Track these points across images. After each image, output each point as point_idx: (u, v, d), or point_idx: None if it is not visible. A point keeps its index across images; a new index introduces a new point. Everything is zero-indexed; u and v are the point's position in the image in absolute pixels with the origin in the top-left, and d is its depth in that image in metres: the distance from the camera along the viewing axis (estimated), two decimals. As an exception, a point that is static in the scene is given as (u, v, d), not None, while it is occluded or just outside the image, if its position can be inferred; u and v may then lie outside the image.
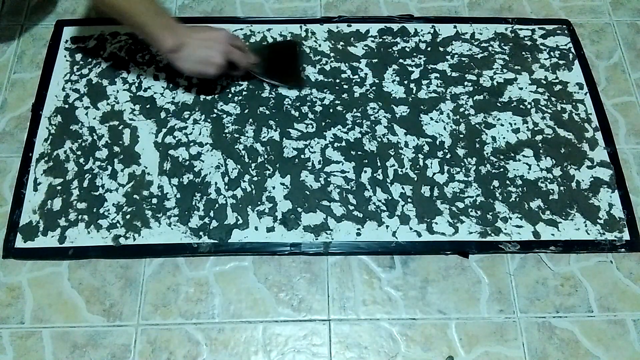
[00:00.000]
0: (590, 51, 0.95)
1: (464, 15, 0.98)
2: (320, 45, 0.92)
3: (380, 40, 0.93)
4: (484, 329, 0.72)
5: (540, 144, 0.84)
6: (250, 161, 0.82)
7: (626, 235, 0.77)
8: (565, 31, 0.95)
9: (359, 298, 0.74)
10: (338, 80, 0.88)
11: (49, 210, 0.78)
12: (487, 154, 0.83)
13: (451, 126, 0.85)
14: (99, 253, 0.75)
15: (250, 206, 0.78)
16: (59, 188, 0.79)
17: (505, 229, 0.77)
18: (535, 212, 0.79)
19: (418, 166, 0.82)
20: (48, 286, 0.74)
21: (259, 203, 0.78)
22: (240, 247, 0.75)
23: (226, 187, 0.79)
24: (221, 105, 0.86)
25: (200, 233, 0.76)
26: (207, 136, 0.83)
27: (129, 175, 0.80)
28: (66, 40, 0.92)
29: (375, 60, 0.91)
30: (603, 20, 0.99)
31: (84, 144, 0.83)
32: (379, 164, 0.82)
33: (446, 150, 0.83)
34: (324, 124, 0.85)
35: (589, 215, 0.79)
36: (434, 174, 0.81)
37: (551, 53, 0.93)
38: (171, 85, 0.88)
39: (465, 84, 0.89)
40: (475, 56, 0.92)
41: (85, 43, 0.92)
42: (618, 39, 0.96)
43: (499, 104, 0.87)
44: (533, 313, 0.73)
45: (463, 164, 0.82)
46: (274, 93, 0.87)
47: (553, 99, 0.88)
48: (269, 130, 0.84)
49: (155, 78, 0.89)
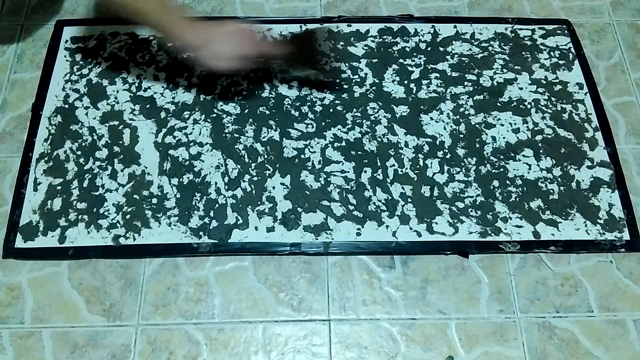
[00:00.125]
0: (590, 51, 0.95)
1: (464, 15, 0.98)
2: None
3: (380, 40, 0.93)
4: (484, 329, 0.72)
5: (540, 144, 0.84)
6: (250, 161, 0.82)
7: (626, 235, 0.77)
8: (565, 31, 0.95)
9: (359, 298, 0.74)
10: (338, 80, 0.88)
11: (49, 210, 0.78)
12: (487, 154, 0.83)
13: (451, 126, 0.85)
14: (99, 253, 0.75)
15: (250, 206, 0.78)
16: (59, 188, 0.79)
17: (505, 229, 0.77)
18: (535, 212, 0.78)
19: (418, 166, 0.81)
20: (48, 286, 0.74)
21: (259, 203, 0.78)
22: (240, 247, 0.75)
23: (226, 187, 0.79)
24: (221, 105, 0.86)
25: (200, 233, 0.76)
26: (207, 136, 0.83)
27: (129, 175, 0.80)
28: (66, 40, 0.92)
29: (375, 60, 0.91)
30: (603, 20, 0.99)
31: (84, 144, 0.83)
32: (379, 164, 0.82)
33: (446, 150, 0.83)
34: (324, 124, 0.85)
35: (589, 215, 0.79)
36: (434, 174, 0.81)
37: (551, 53, 0.93)
38: (171, 85, 0.88)
39: (465, 84, 0.89)
40: (475, 56, 0.92)
41: (85, 43, 0.92)
42: (618, 39, 0.96)
43: (499, 104, 0.87)
44: (533, 313, 0.73)
45: (463, 164, 0.82)
46: (274, 93, 0.87)
47: (553, 99, 0.88)
48: (269, 130, 0.84)
49: (155, 78, 0.89)
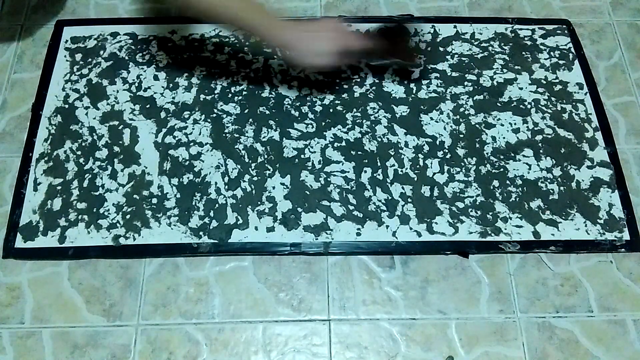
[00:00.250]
0: (590, 51, 0.94)
1: (464, 15, 0.98)
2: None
3: (380, 40, 0.93)
4: (484, 329, 0.72)
5: (540, 144, 0.84)
6: (250, 161, 0.82)
7: (626, 235, 0.77)
8: (565, 31, 0.95)
9: (359, 298, 0.74)
10: (338, 80, 0.88)
11: (49, 210, 0.78)
12: (487, 154, 0.83)
13: (451, 126, 0.85)
14: (99, 253, 0.75)
15: (250, 206, 0.78)
16: (59, 188, 0.79)
17: (505, 229, 0.77)
18: (535, 212, 0.78)
19: (418, 166, 0.81)
20: (48, 286, 0.74)
21: (259, 203, 0.78)
22: (240, 247, 0.75)
23: (226, 187, 0.79)
24: (221, 105, 0.86)
25: (200, 233, 0.76)
26: (207, 136, 0.83)
27: (129, 175, 0.80)
28: (66, 40, 0.92)
29: (375, 60, 0.91)
30: (603, 20, 0.98)
31: (84, 144, 0.83)
32: (379, 164, 0.82)
33: (446, 150, 0.83)
34: (324, 124, 0.85)
35: (589, 215, 0.79)
36: (434, 174, 0.81)
37: (551, 53, 0.93)
38: (171, 85, 0.88)
39: (465, 84, 0.89)
40: (475, 56, 0.92)
41: (85, 43, 0.92)
42: (618, 39, 0.96)
43: (499, 104, 0.87)
44: (533, 313, 0.73)
45: (463, 164, 0.82)
46: (274, 93, 0.87)
47: (553, 99, 0.88)
48: (269, 130, 0.84)
49: (155, 78, 0.89)
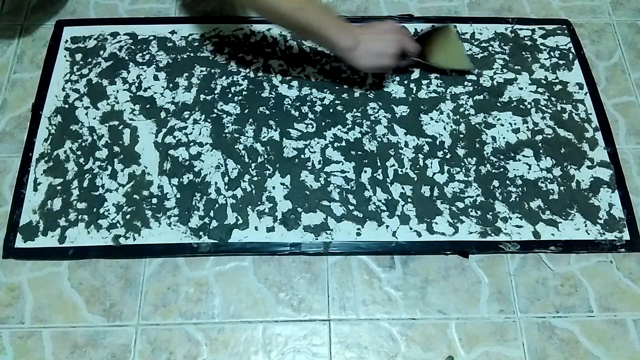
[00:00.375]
0: (590, 51, 0.94)
1: (464, 15, 0.98)
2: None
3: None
4: (484, 329, 0.72)
5: (540, 144, 0.84)
6: (250, 161, 0.82)
7: (626, 235, 0.77)
8: (565, 31, 0.95)
9: (359, 298, 0.74)
10: (338, 80, 0.88)
11: (49, 210, 0.78)
12: (487, 154, 0.83)
13: (451, 126, 0.85)
14: (99, 253, 0.75)
15: (250, 206, 0.78)
16: (59, 188, 0.79)
17: (505, 229, 0.77)
18: (535, 212, 0.78)
19: (418, 166, 0.81)
20: (48, 286, 0.74)
21: (259, 203, 0.78)
22: (240, 247, 0.75)
23: (226, 187, 0.79)
24: (221, 105, 0.86)
25: (200, 233, 0.76)
26: (207, 136, 0.83)
27: (129, 175, 0.80)
28: (66, 40, 0.92)
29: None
30: (603, 20, 0.99)
31: (84, 144, 0.83)
32: (379, 164, 0.82)
33: (446, 150, 0.83)
34: (324, 123, 0.85)
35: (589, 215, 0.79)
36: (434, 174, 0.81)
37: (551, 53, 0.93)
38: (171, 85, 0.88)
39: (465, 83, 0.89)
40: (475, 56, 0.92)
41: (85, 43, 0.92)
42: (618, 39, 0.96)
43: (499, 104, 0.87)
44: (533, 313, 0.73)
45: (463, 164, 0.82)
46: (274, 93, 0.87)
47: (553, 99, 0.88)
48: (269, 130, 0.84)
49: (155, 78, 0.89)
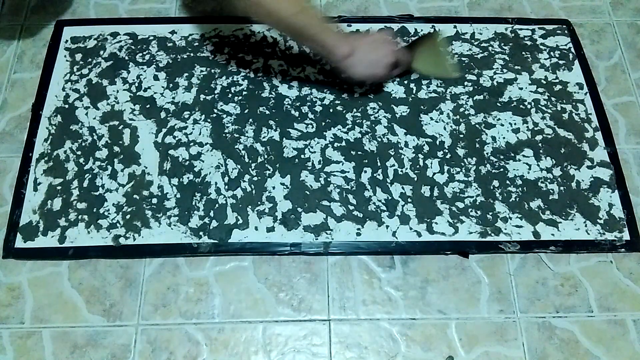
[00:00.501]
0: (590, 51, 0.94)
1: (464, 15, 0.98)
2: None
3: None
4: (484, 329, 0.72)
5: (540, 144, 0.84)
6: (250, 161, 0.82)
7: (626, 235, 0.77)
8: (565, 31, 0.95)
9: (359, 298, 0.74)
10: (338, 80, 0.88)
11: (49, 210, 0.78)
12: (487, 154, 0.83)
13: (451, 126, 0.85)
14: (99, 253, 0.75)
15: (250, 206, 0.78)
16: (59, 188, 0.79)
17: (505, 229, 0.77)
18: (535, 212, 0.78)
19: (418, 166, 0.81)
20: (48, 286, 0.74)
21: (259, 203, 0.78)
22: (240, 247, 0.75)
23: (226, 187, 0.79)
24: (221, 105, 0.86)
25: (200, 233, 0.76)
26: (207, 136, 0.83)
27: (129, 175, 0.80)
28: (66, 40, 0.92)
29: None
30: (603, 20, 0.98)
31: (84, 144, 0.83)
32: (379, 164, 0.82)
33: (446, 150, 0.83)
34: (324, 124, 0.85)
35: (589, 215, 0.79)
36: (434, 174, 0.81)
37: (551, 53, 0.93)
38: (171, 85, 0.88)
39: (465, 84, 0.89)
40: (475, 56, 0.92)
41: (85, 43, 0.92)
42: (618, 39, 0.96)
43: (499, 104, 0.87)
44: (533, 313, 0.73)
45: (463, 164, 0.82)
46: (274, 93, 0.87)
47: (553, 99, 0.88)
48: (269, 130, 0.84)
49: (155, 78, 0.89)
